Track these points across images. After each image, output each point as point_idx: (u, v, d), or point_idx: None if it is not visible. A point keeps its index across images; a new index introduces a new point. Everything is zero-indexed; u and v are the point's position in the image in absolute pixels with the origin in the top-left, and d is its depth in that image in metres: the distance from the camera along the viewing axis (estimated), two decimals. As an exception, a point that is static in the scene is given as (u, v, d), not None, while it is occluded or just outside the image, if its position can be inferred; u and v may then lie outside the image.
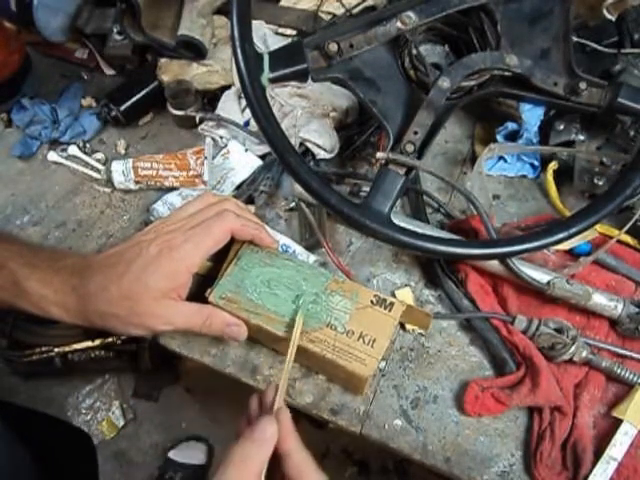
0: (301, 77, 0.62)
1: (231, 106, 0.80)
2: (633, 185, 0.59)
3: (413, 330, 0.65)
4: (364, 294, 0.58)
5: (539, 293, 0.64)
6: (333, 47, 0.60)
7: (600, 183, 0.71)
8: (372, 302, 0.57)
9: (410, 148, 0.60)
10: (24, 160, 0.83)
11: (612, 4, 0.81)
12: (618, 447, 0.57)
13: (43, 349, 1.34)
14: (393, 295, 0.68)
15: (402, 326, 0.65)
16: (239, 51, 0.51)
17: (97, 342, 1.37)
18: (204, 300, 0.57)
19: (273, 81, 0.58)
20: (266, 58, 0.53)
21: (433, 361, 0.64)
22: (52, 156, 0.82)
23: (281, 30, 0.88)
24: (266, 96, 0.53)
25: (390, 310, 0.57)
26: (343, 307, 0.57)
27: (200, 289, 0.58)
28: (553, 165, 0.74)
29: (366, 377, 0.55)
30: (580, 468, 0.56)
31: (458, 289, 0.66)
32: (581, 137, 0.73)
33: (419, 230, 0.62)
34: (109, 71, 0.92)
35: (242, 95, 0.81)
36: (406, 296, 0.67)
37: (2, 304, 0.53)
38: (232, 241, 0.58)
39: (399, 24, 0.63)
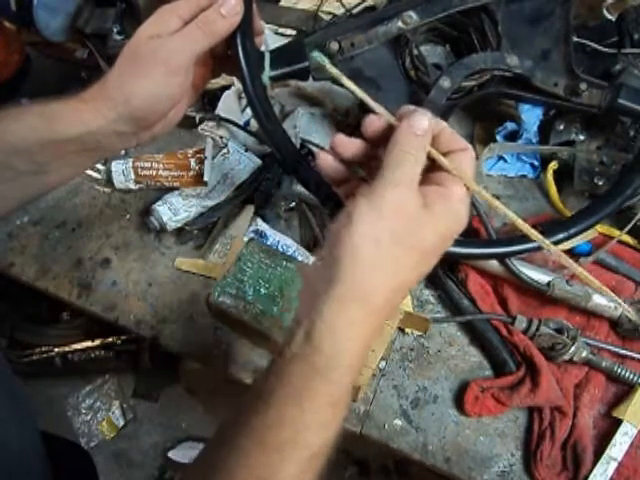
0: (302, 76, 0.62)
1: (231, 106, 0.80)
2: (633, 185, 0.59)
3: (412, 332, 0.65)
4: None
5: (539, 293, 0.64)
6: (334, 46, 0.60)
7: (600, 183, 0.71)
8: None
9: (410, 148, 0.60)
10: (24, 160, 0.83)
11: (612, 4, 0.81)
12: (618, 447, 0.57)
13: (43, 349, 1.34)
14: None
15: (401, 328, 0.65)
16: (240, 49, 0.50)
17: (97, 342, 1.38)
18: None
19: (274, 79, 0.57)
20: (267, 56, 0.53)
21: (433, 361, 0.64)
22: (52, 156, 0.82)
23: (281, 30, 0.88)
24: (267, 94, 0.53)
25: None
26: None
27: None
28: (553, 165, 0.74)
29: (359, 385, 0.55)
30: (580, 468, 0.56)
31: (458, 289, 0.66)
32: (581, 137, 0.73)
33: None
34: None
35: (242, 95, 0.81)
36: (404, 299, 0.67)
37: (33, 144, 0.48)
38: (233, 242, 0.58)
39: (400, 23, 0.63)
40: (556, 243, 0.60)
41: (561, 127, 0.73)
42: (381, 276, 0.37)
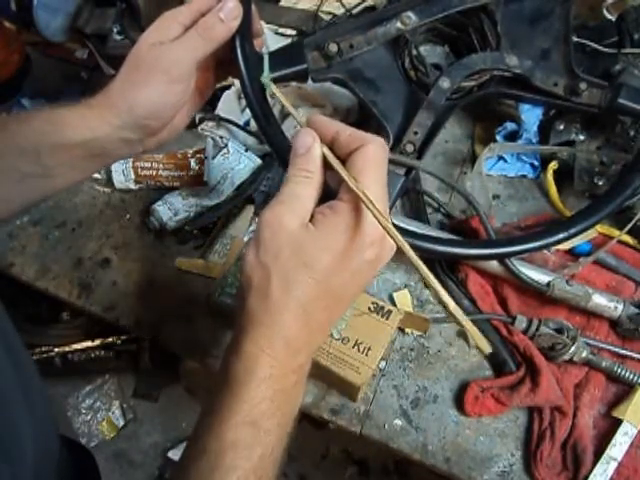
0: (301, 77, 0.62)
1: (231, 106, 0.80)
2: (633, 185, 0.59)
3: (412, 332, 0.65)
4: (362, 300, 0.58)
5: (539, 293, 0.64)
6: (333, 47, 0.60)
7: (600, 183, 0.71)
8: (370, 309, 0.57)
9: (410, 148, 0.60)
10: (24, 160, 0.83)
11: (612, 4, 0.81)
12: (618, 447, 0.57)
13: (43, 349, 1.34)
14: (392, 297, 0.68)
15: (401, 329, 0.65)
16: (239, 51, 0.51)
17: (97, 342, 1.38)
18: None
19: (274, 81, 0.58)
20: (266, 58, 0.53)
21: (433, 361, 0.64)
22: (52, 156, 0.82)
23: (281, 30, 0.88)
24: (266, 96, 0.53)
25: (387, 318, 0.57)
26: None
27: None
28: (553, 165, 0.74)
29: (359, 385, 0.55)
30: (580, 468, 0.56)
31: (458, 289, 0.66)
32: (581, 137, 0.73)
33: (418, 230, 0.62)
34: (109, 71, 0.92)
35: (242, 95, 0.81)
36: (404, 298, 0.67)
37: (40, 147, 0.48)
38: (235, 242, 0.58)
39: (399, 24, 0.63)
40: (556, 243, 0.60)
41: (561, 127, 0.73)
42: (278, 297, 0.37)
